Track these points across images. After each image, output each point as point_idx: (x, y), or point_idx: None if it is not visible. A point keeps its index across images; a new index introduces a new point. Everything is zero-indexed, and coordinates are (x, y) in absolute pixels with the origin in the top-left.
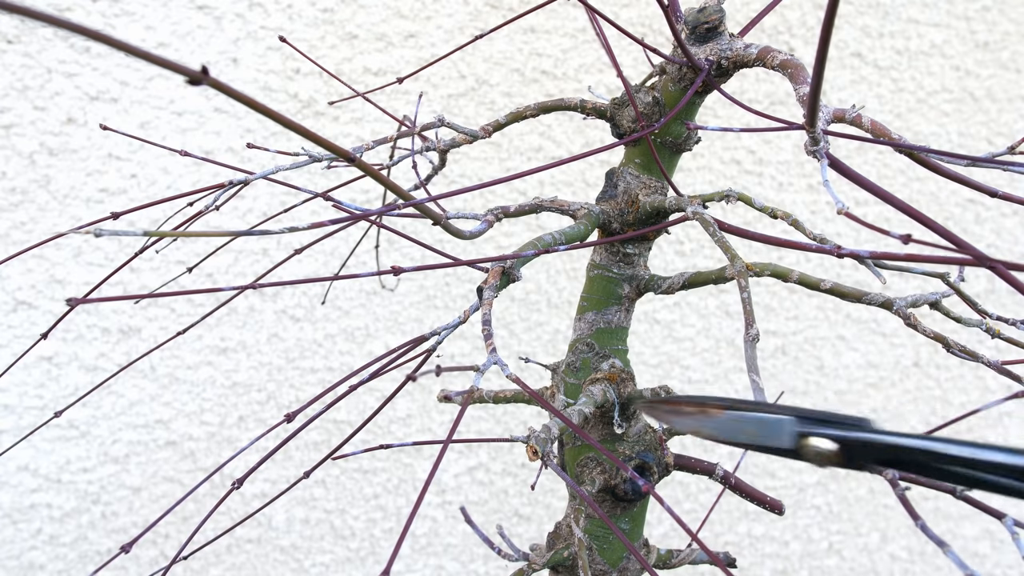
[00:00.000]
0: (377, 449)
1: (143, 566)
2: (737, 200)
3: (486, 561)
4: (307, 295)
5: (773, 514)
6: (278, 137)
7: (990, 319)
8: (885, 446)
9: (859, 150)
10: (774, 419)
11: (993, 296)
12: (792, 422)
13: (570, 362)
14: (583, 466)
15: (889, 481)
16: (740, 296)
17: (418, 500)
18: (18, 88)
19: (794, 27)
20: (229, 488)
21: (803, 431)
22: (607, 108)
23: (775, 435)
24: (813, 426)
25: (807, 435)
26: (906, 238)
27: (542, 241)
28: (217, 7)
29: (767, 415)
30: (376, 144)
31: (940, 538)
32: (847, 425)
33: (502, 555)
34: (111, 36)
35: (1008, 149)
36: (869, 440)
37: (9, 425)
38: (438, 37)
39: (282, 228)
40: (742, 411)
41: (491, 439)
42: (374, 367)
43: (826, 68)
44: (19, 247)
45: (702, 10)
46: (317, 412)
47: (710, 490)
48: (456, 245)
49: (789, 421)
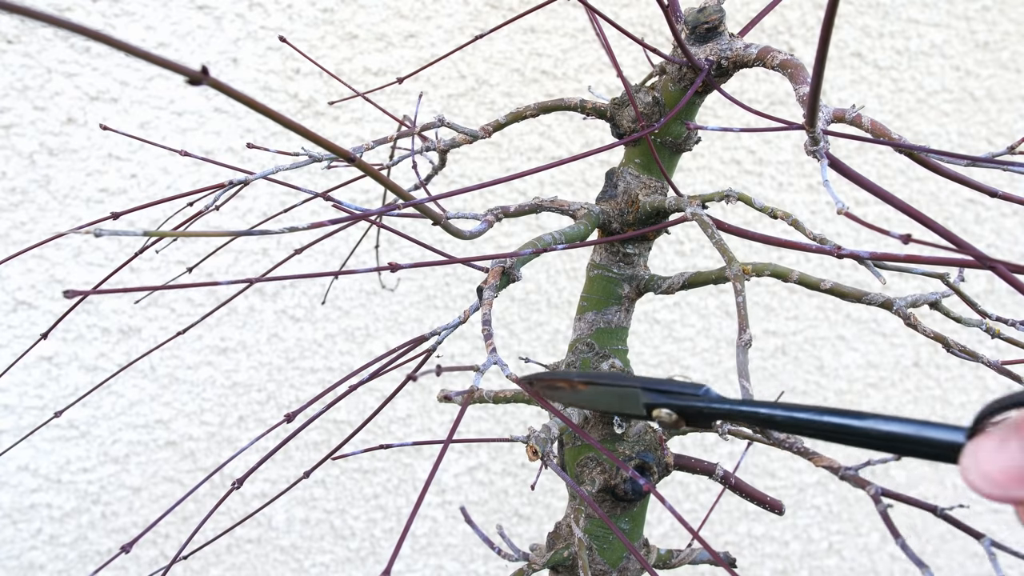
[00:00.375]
0: (377, 449)
1: (143, 566)
2: (737, 200)
3: (486, 561)
4: (307, 295)
5: (773, 514)
6: (278, 137)
7: (990, 319)
8: (713, 412)
9: (859, 150)
10: (628, 391)
11: (993, 296)
12: (641, 393)
13: (570, 362)
14: (583, 466)
15: (872, 497)
16: (735, 300)
17: (418, 500)
18: (18, 88)
19: (794, 27)
20: (229, 488)
21: (649, 402)
22: (607, 108)
23: (631, 404)
24: (657, 396)
25: (654, 405)
26: (906, 238)
27: (542, 241)
28: (217, 7)
29: (621, 388)
30: (376, 144)
31: (919, 558)
32: (684, 395)
33: (502, 555)
34: (111, 36)
35: (1008, 149)
36: (700, 407)
37: (9, 425)
38: (438, 37)
39: (282, 228)
40: (601, 385)
41: (491, 439)
42: (374, 367)
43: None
44: (19, 247)
45: (702, 10)
46: (317, 412)
47: (710, 490)
48: (456, 245)
49: (639, 393)
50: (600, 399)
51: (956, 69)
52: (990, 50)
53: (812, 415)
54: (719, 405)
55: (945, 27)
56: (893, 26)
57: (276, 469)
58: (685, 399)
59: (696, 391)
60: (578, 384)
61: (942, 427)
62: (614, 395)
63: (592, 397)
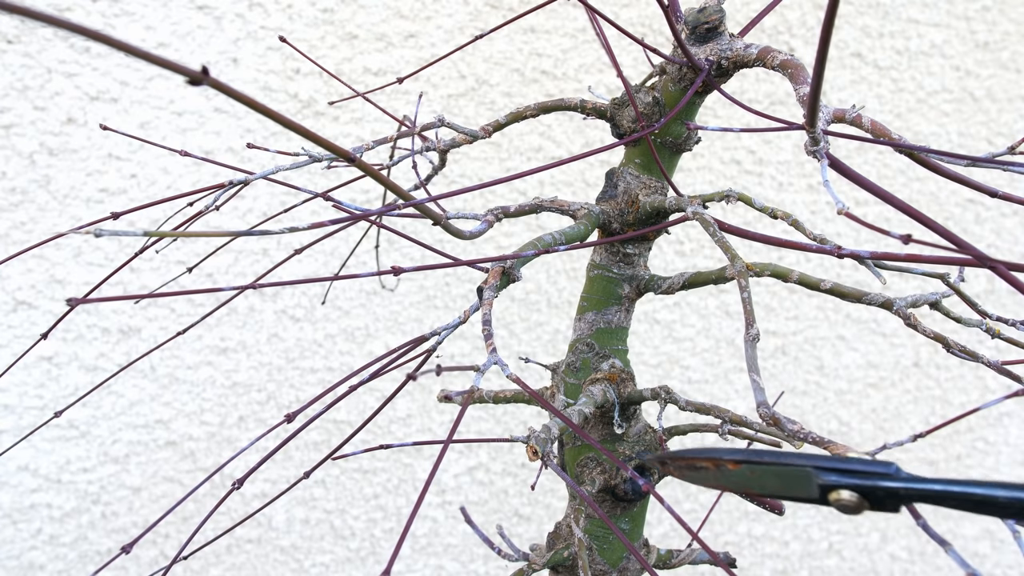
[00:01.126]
0: (377, 449)
1: (143, 566)
2: (737, 200)
3: (486, 561)
4: (307, 295)
5: (773, 514)
6: (278, 137)
7: (990, 319)
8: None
9: (859, 150)
10: (796, 471)
11: (993, 296)
12: (815, 474)
13: (570, 362)
14: (583, 466)
15: None
16: (740, 296)
17: (418, 500)
18: (18, 88)
19: (794, 27)
20: (229, 488)
21: (826, 483)
22: (607, 108)
23: (801, 486)
24: (835, 476)
25: (832, 487)
26: (906, 238)
27: (542, 241)
28: (217, 7)
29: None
30: (376, 144)
31: (941, 537)
32: (869, 474)
33: (502, 555)
34: (111, 36)
35: (1008, 149)
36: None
37: (9, 425)
38: (438, 37)
39: (282, 228)
40: (759, 464)
41: (491, 439)
42: (374, 367)
43: (826, 68)
44: (19, 247)
45: (702, 10)
46: (317, 412)
47: (710, 490)
48: (456, 245)
49: (812, 473)
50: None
51: (956, 69)
52: (990, 50)
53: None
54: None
55: (945, 27)
56: (893, 26)
57: (276, 469)
58: (872, 479)
59: (887, 470)
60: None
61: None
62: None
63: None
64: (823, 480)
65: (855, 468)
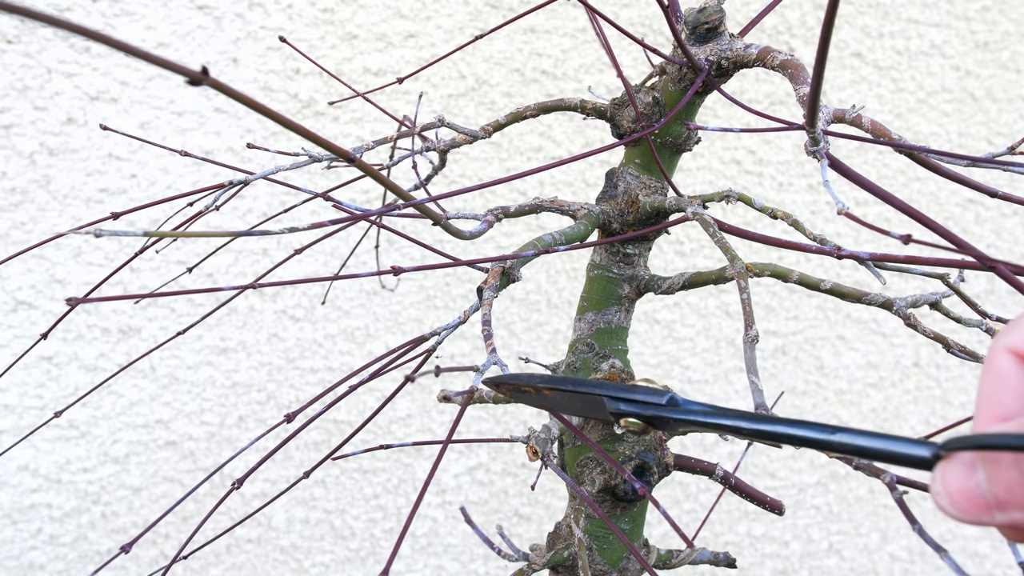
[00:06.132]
0: (377, 449)
1: (143, 566)
2: (737, 200)
3: (486, 561)
4: (307, 295)
5: (773, 514)
6: (278, 137)
7: (990, 319)
8: (679, 421)
9: (859, 150)
10: (593, 398)
11: (993, 296)
12: (606, 401)
13: (570, 362)
14: (583, 466)
15: (887, 484)
16: (740, 297)
17: (418, 500)
18: (18, 88)
19: (794, 27)
20: (229, 488)
21: (615, 411)
22: (607, 108)
23: (597, 410)
24: (623, 404)
25: (621, 414)
26: (906, 238)
27: (542, 241)
28: (217, 7)
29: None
30: (376, 144)
31: (937, 543)
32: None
33: (502, 555)
34: (111, 36)
35: (1008, 149)
36: (666, 416)
37: (9, 425)
38: (438, 37)
39: (282, 228)
40: (565, 391)
41: (491, 439)
42: (374, 367)
43: (826, 68)
44: (19, 247)
45: (702, 10)
46: (317, 412)
47: (710, 490)
48: (456, 245)
49: (604, 401)
50: (565, 404)
51: (956, 69)
52: (990, 50)
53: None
54: (683, 415)
55: (945, 27)
56: (893, 26)
57: (276, 469)
58: (650, 408)
59: (660, 399)
60: (543, 389)
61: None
62: (579, 401)
63: (557, 402)
64: (612, 408)
65: (637, 398)
